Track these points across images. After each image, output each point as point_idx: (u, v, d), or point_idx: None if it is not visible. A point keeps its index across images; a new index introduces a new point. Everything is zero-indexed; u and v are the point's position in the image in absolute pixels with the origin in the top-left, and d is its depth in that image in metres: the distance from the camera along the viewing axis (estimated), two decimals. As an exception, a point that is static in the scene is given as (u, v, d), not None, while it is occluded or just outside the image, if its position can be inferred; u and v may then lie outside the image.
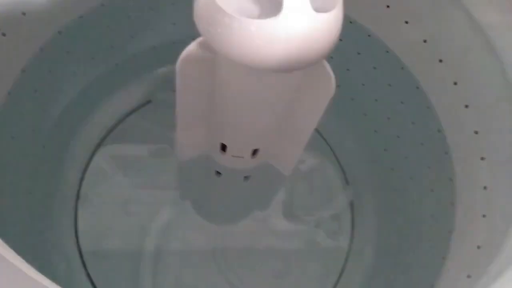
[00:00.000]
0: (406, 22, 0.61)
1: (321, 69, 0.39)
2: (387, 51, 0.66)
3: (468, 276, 0.43)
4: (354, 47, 0.71)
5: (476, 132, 0.53)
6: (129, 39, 0.74)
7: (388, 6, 0.61)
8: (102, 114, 0.81)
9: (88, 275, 0.75)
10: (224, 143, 0.47)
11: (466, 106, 0.55)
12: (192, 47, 0.36)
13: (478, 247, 0.45)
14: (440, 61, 0.58)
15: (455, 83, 0.56)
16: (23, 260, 0.33)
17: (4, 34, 0.52)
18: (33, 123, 0.64)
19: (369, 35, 0.67)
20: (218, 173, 0.54)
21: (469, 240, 0.48)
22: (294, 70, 0.33)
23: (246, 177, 0.55)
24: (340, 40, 0.35)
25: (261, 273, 0.78)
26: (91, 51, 0.69)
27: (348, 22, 0.66)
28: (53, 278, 0.68)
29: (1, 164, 0.56)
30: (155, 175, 0.81)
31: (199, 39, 0.36)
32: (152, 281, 0.74)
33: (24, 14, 0.53)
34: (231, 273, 0.76)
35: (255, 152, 0.48)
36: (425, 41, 0.60)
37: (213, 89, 0.40)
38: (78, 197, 0.79)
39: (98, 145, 0.82)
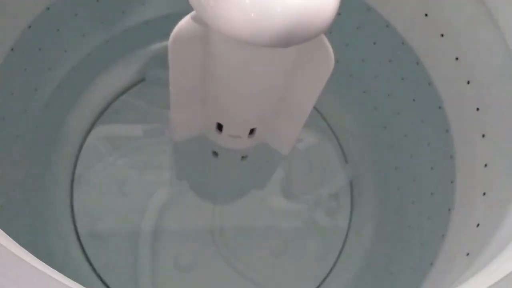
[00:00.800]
0: (407, -4, 0.59)
1: (320, 45, 0.37)
2: (387, 26, 0.64)
3: (468, 254, 0.43)
4: (353, 22, 0.69)
5: (477, 109, 0.52)
6: (120, 14, 0.71)
7: (388, -21, 0.59)
8: (94, 93, 0.79)
9: (86, 255, 0.74)
10: (220, 122, 0.46)
11: (468, 82, 0.53)
12: (184, 22, 0.34)
13: (478, 225, 0.45)
14: (442, 35, 0.57)
15: (457, 59, 0.55)
16: (27, 251, 0.32)
17: (-11, 11, 0.50)
18: (24, 103, 0.63)
19: (368, 9, 0.65)
20: (215, 153, 0.53)
21: (468, 218, 0.47)
22: (291, 45, 0.31)
23: (243, 157, 0.54)
24: (339, 14, 0.33)
25: (259, 251, 0.78)
26: (81, 28, 0.67)
27: (347, -4, 0.64)
28: (50, 258, 0.68)
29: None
30: (150, 155, 0.80)
31: (191, 13, 0.34)
32: (150, 260, 0.74)
33: (9, -11, 0.51)
34: (229, 252, 0.76)
35: (252, 131, 0.47)
36: (426, 15, 0.58)
37: (207, 66, 0.39)
38: (73, 178, 0.78)
39: (92, 125, 0.80)
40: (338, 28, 0.47)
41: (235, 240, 0.78)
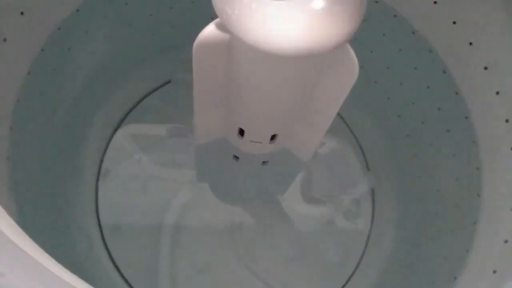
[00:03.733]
0: (435, 2, 0.58)
1: (344, 53, 0.37)
2: (413, 33, 0.63)
3: (494, 271, 0.42)
4: (379, 28, 0.68)
5: (506, 121, 0.50)
6: (148, 17, 0.72)
7: (417, -15, 0.58)
8: (121, 94, 0.80)
9: (108, 251, 0.76)
10: (241, 127, 0.46)
11: (497, 93, 0.52)
12: (208, 29, 0.35)
13: (506, 241, 0.44)
14: (470, 44, 0.55)
15: (486, 68, 0.54)
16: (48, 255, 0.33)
17: (22, 13, 0.52)
18: (53, 102, 0.64)
19: (395, 15, 0.64)
20: (235, 157, 0.53)
21: (495, 234, 0.46)
22: (317, 54, 0.31)
23: (264, 162, 0.54)
24: (364, 20, 0.33)
25: (277, 255, 0.78)
26: (109, 30, 0.69)
27: (373, 2, 0.63)
28: (73, 253, 0.69)
29: (23, 144, 0.56)
30: (174, 154, 0.81)
31: (216, 20, 0.34)
32: (170, 258, 0.75)
33: (41, -8, 0.52)
34: (246, 254, 0.77)
35: (273, 137, 0.47)
36: (454, 22, 0.57)
37: (229, 72, 0.39)
38: (99, 174, 0.80)
39: (118, 125, 0.82)
40: (363, 34, 0.46)
41: (253, 242, 0.78)
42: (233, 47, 0.35)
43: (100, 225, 0.77)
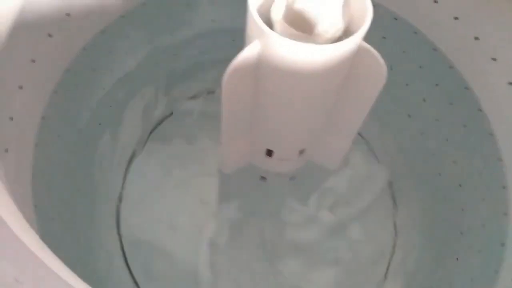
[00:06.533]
0: (456, 18, 0.58)
1: (371, 58, 0.37)
2: (435, 49, 0.62)
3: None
4: (399, 45, 0.67)
5: (533, 138, 0.49)
6: (170, 36, 0.74)
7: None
8: (141, 117, 0.81)
9: (131, 273, 0.75)
10: (270, 148, 0.46)
11: (522, 109, 0.51)
12: (242, 55, 0.35)
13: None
14: (493, 59, 0.54)
15: (510, 84, 0.53)
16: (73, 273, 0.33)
17: (50, 35, 0.54)
18: (77, 122, 0.66)
19: (415, 32, 0.64)
20: (263, 178, 0.53)
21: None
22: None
23: (291, 178, 0.54)
24: (384, 38, 0.33)
25: (314, 265, 0.76)
26: (131, 48, 0.70)
27: (393, 19, 0.63)
28: (96, 273, 0.69)
29: (49, 163, 0.57)
30: (199, 178, 0.79)
31: (248, 48, 0.35)
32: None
33: (68, 15, 0.54)
34: (287, 276, 0.75)
35: (301, 151, 0.47)
36: (476, 38, 0.56)
37: (258, 95, 0.39)
38: (120, 198, 0.79)
39: (143, 145, 0.83)
40: (384, 51, 0.46)
41: (287, 255, 0.76)
42: (264, 66, 0.36)
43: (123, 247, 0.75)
